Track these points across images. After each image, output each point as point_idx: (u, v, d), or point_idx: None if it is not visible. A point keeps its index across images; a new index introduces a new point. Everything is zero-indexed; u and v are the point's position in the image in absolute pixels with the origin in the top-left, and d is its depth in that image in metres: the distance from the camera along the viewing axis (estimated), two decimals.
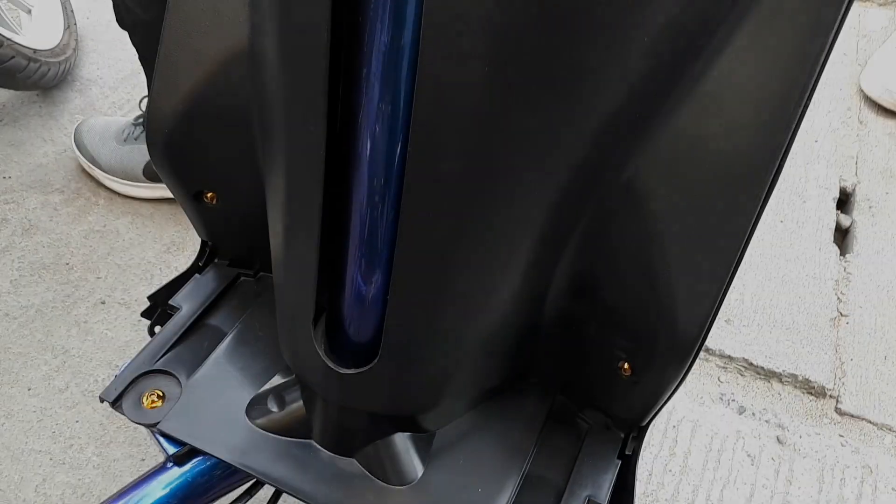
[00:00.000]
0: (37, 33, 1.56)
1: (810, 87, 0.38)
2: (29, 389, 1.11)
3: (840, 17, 0.36)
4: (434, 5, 0.34)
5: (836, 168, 1.49)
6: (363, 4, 0.39)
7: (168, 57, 0.54)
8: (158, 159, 0.59)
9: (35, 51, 1.46)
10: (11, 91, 1.54)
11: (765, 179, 0.40)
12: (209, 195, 0.61)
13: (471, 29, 0.34)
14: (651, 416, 0.53)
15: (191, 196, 0.61)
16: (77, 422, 1.08)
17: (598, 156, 0.41)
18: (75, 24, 1.70)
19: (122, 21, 1.18)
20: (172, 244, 1.32)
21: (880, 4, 1.94)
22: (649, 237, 0.44)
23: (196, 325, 0.64)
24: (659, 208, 0.43)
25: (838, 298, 1.26)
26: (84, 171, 1.42)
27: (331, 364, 0.50)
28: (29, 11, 1.59)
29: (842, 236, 1.41)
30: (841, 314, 1.24)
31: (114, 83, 1.64)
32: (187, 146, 0.57)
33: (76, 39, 1.67)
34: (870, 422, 1.11)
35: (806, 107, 0.38)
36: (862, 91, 1.65)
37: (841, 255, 1.34)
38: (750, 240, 0.42)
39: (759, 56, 0.38)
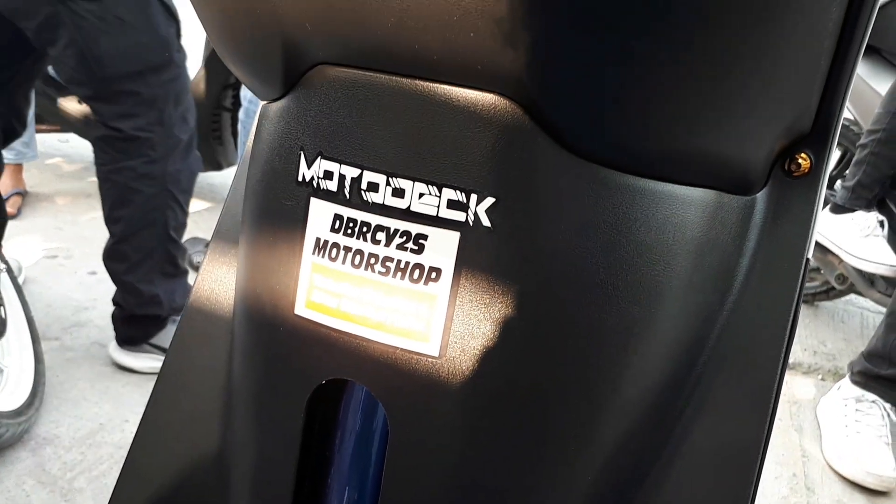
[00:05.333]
0: (3, 395, 1.59)
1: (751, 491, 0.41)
2: None
3: (773, 405, 0.41)
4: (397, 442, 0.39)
5: None
6: (330, 447, 0.44)
7: (136, 459, 0.57)
8: None
9: None
10: None
11: None
12: None
13: (433, 448, 0.39)
14: None
15: None
16: None
17: None
18: (43, 385, 1.74)
19: None
20: None
21: (804, 373, 2.13)
22: None
23: None
24: None
25: None
26: None
27: None
28: (1, 371, 1.65)
29: None
30: None
31: (69, 443, 1.63)
32: None
33: (41, 399, 1.70)
34: None
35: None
36: (803, 458, 1.72)
37: None
38: None
39: (696, 469, 0.42)
